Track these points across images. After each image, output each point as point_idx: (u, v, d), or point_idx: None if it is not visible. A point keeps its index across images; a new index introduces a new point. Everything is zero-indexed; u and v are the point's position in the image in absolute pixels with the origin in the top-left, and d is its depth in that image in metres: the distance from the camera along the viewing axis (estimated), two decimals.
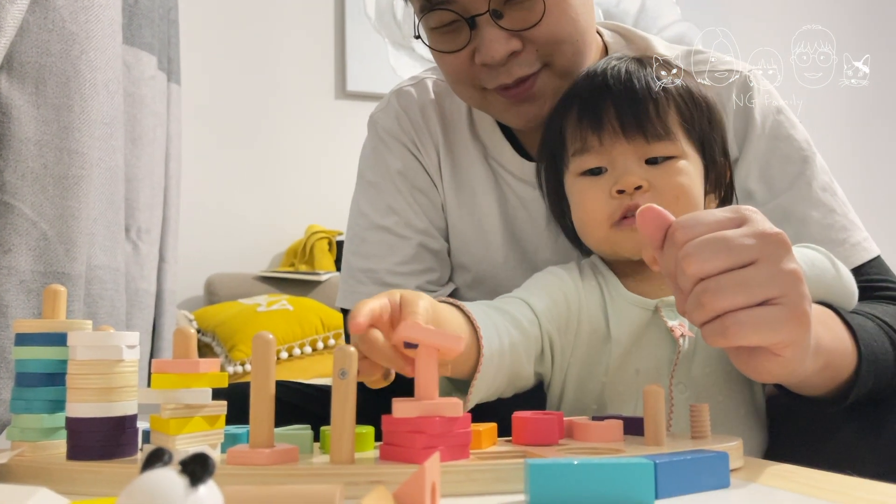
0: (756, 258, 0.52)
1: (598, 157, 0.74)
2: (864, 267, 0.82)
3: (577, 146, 0.75)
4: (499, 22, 0.80)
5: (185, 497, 0.27)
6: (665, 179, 0.72)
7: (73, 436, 0.52)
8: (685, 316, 0.55)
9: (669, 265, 0.56)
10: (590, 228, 0.76)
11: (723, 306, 0.52)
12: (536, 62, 0.82)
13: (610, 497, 0.44)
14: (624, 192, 0.72)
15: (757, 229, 0.53)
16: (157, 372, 0.50)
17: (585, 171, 0.75)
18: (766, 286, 0.52)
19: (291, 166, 2.71)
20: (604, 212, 0.73)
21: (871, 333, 0.69)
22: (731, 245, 0.52)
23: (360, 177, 1.01)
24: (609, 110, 0.73)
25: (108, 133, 1.22)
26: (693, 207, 0.73)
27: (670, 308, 0.72)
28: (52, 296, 0.59)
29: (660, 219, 0.56)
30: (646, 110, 0.73)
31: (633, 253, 0.73)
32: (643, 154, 0.73)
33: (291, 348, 2.13)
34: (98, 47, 1.15)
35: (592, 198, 0.74)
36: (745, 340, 0.52)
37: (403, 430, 0.49)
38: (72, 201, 1.10)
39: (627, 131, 0.72)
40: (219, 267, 2.53)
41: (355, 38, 2.78)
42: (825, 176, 0.87)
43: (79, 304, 1.12)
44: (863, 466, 0.56)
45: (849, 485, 0.50)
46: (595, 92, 0.75)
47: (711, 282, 0.52)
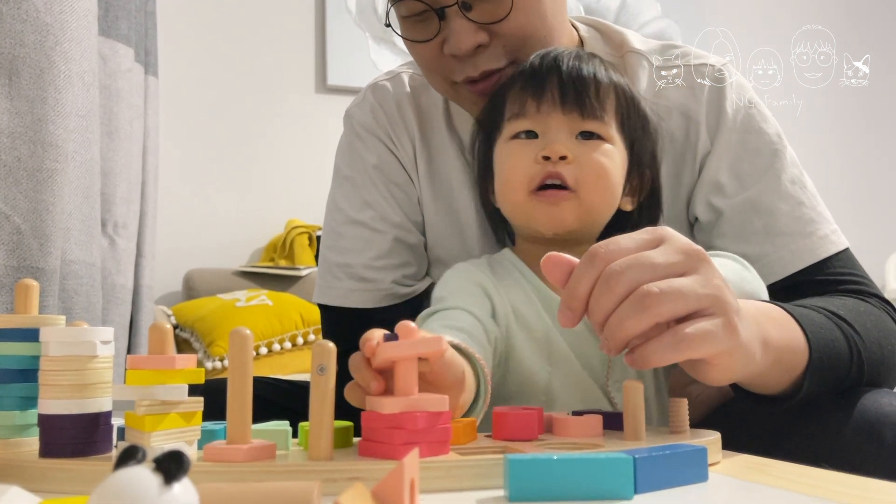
0: (683, 272, 0.54)
1: (533, 122, 0.76)
2: (832, 259, 0.83)
3: (515, 110, 0.77)
4: (467, 14, 0.81)
5: (158, 495, 0.27)
6: (590, 156, 0.74)
7: (46, 433, 0.51)
8: (609, 341, 0.54)
9: (580, 291, 0.54)
10: (509, 191, 0.77)
11: (665, 311, 0.52)
12: (503, 57, 0.83)
13: (589, 492, 0.44)
14: (549, 160, 0.73)
15: (678, 246, 0.55)
16: (132, 368, 0.49)
17: (517, 133, 0.76)
18: (700, 297, 0.53)
19: (271, 160, 2.69)
20: (526, 175, 0.74)
21: (820, 324, 0.69)
22: (655, 263, 0.53)
23: (337, 172, 1.00)
24: (552, 82, 0.75)
25: (83, 126, 1.21)
26: (611, 191, 0.76)
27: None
28: (23, 291, 0.57)
29: (563, 262, 0.56)
30: (587, 90, 0.75)
31: (546, 228, 0.75)
32: (576, 128, 0.75)
33: (271, 343, 2.12)
34: (73, 38, 1.13)
35: (518, 160, 0.75)
36: (697, 353, 0.53)
37: (383, 427, 0.49)
38: (46, 195, 1.09)
39: (566, 104, 0.74)
40: (197, 262, 2.51)
41: (336, 33, 2.76)
42: (795, 169, 0.87)
43: (53, 300, 1.11)
44: (831, 460, 0.57)
45: (824, 478, 0.51)
46: (543, 67, 0.77)
47: (651, 286, 0.52)
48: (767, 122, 0.89)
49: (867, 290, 0.81)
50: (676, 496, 0.46)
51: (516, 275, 0.77)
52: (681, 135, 0.88)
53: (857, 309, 0.75)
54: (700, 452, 0.50)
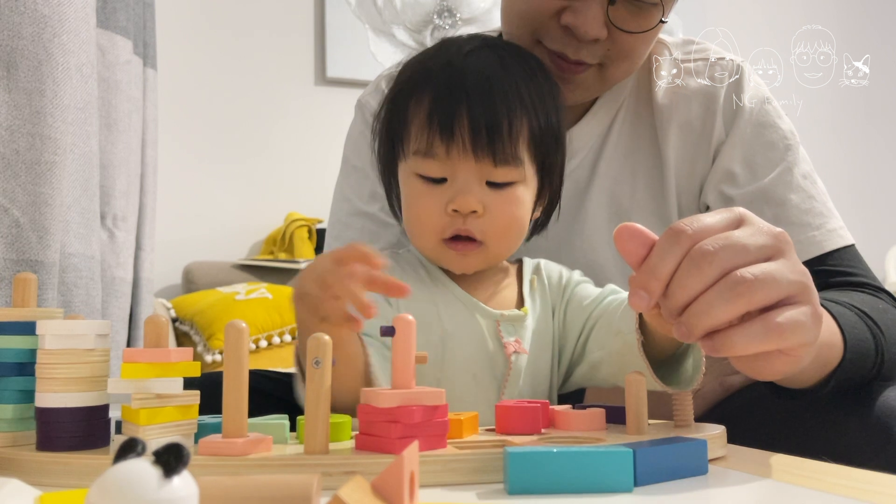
0: (771, 255, 0.50)
1: (441, 167, 0.71)
2: (838, 253, 0.84)
3: (422, 147, 0.71)
4: (610, 6, 0.79)
5: (158, 488, 0.27)
6: (501, 207, 0.71)
7: (43, 426, 0.51)
8: (692, 327, 0.49)
9: (663, 271, 0.49)
10: (419, 235, 0.74)
11: (758, 298, 0.48)
12: (598, 57, 0.83)
13: (590, 484, 0.44)
14: (458, 212, 0.70)
15: (763, 227, 0.51)
16: (128, 361, 0.49)
17: (424, 175, 0.72)
18: (791, 284, 0.49)
19: (271, 153, 2.68)
20: (436, 225, 0.71)
21: (853, 323, 0.69)
22: (746, 243, 0.49)
23: (345, 161, 1.00)
24: (463, 121, 0.69)
25: (81, 118, 1.20)
26: (519, 235, 0.74)
27: (508, 322, 0.73)
28: (21, 284, 0.57)
29: (642, 236, 0.51)
30: (500, 130, 0.70)
31: (458, 270, 0.74)
32: (487, 175, 0.70)
33: (270, 336, 2.12)
34: (71, 30, 1.12)
35: (426, 207, 0.72)
36: (784, 343, 0.49)
37: (379, 420, 0.48)
38: (45, 188, 1.08)
39: (478, 151, 0.69)
40: (197, 255, 2.51)
41: (335, 24, 2.75)
42: (806, 165, 0.88)
43: (52, 293, 1.10)
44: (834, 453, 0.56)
45: (827, 471, 0.50)
46: (452, 90, 0.71)
47: (745, 272, 0.48)
48: (782, 118, 0.90)
49: (873, 285, 0.81)
50: (676, 489, 0.46)
51: (421, 272, 0.76)
52: (698, 123, 0.90)
53: (876, 306, 0.75)
54: (700, 445, 0.50)
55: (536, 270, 0.79)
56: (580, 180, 0.92)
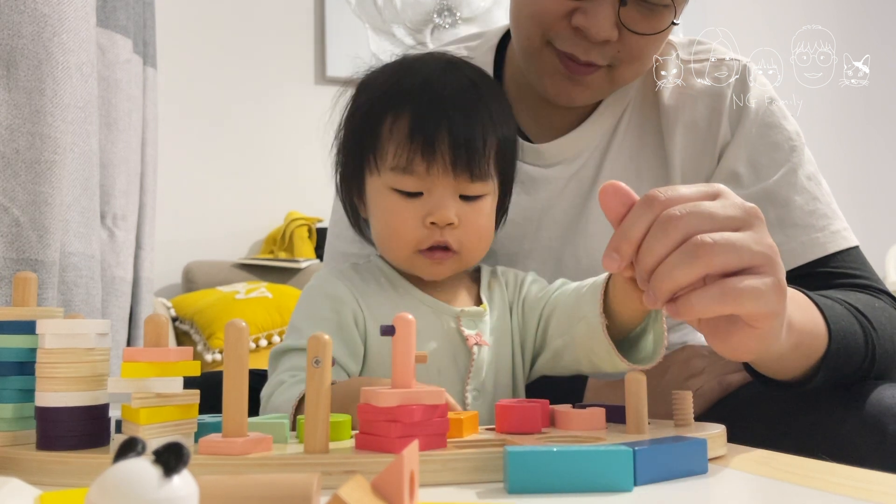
0: (739, 227, 0.52)
1: (420, 183, 0.72)
2: (842, 254, 0.84)
3: (401, 164, 0.72)
4: (621, 7, 0.79)
5: (158, 487, 0.27)
6: (473, 219, 0.74)
7: (43, 425, 0.51)
8: (655, 290, 0.52)
9: (633, 234, 0.52)
10: (395, 247, 0.75)
11: (717, 262, 0.50)
12: (608, 59, 0.83)
13: (589, 484, 0.44)
14: (435, 224, 0.72)
15: (735, 201, 0.53)
16: (128, 360, 0.49)
17: (402, 189, 0.73)
18: (754, 254, 0.51)
19: (270, 152, 2.68)
20: (413, 237, 0.73)
21: (840, 315, 0.70)
22: (714, 213, 0.51)
23: None
24: (444, 140, 0.71)
25: (81, 117, 1.20)
26: (488, 244, 0.77)
27: (469, 318, 0.75)
28: (21, 283, 0.57)
29: (624, 195, 0.54)
30: (476, 148, 0.72)
31: (430, 277, 0.76)
32: (461, 190, 0.73)
33: (271, 336, 2.12)
34: (71, 29, 1.12)
35: (403, 220, 0.73)
36: (741, 308, 0.51)
37: (379, 420, 0.48)
38: (44, 187, 1.08)
39: (457, 168, 0.71)
40: (197, 254, 2.51)
41: (335, 23, 2.75)
42: (811, 167, 0.89)
43: (52, 292, 1.10)
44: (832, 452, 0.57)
45: (825, 470, 0.50)
46: (433, 108, 0.72)
47: (706, 237, 0.50)
48: (787, 119, 0.90)
49: (876, 287, 0.81)
50: (676, 488, 0.46)
51: (382, 281, 0.77)
52: (704, 124, 0.90)
53: (871, 304, 0.76)
54: (700, 444, 0.50)
55: (493, 274, 0.82)
56: (585, 180, 0.92)
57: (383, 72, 0.80)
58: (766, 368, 0.68)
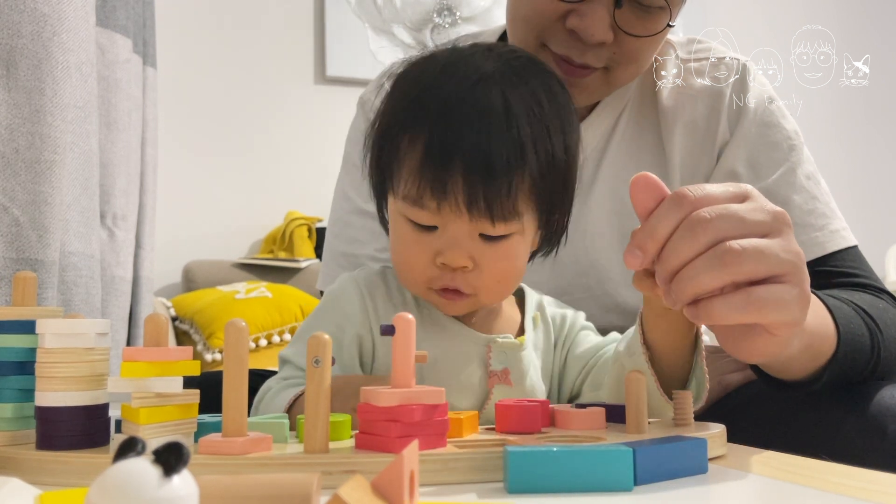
0: (767, 233, 0.51)
1: (432, 218, 0.64)
2: (841, 254, 0.84)
3: (412, 195, 0.63)
4: (616, 10, 0.78)
5: (158, 487, 0.27)
6: (492, 262, 0.65)
7: (43, 425, 0.51)
8: (677, 292, 0.50)
9: (660, 232, 0.50)
10: (405, 280, 0.69)
11: (745, 271, 0.49)
12: (604, 61, 0.82)
13: (589, 483, 0.44)
14: (446, 265, 0.64)
15: (764, 205, 0.52)
16: (128, 360, 0.49)
17: (413, 220, 0.65)
18: (781, 262, 0.50)
19: (270, 152, 2.68)
20: (424, 274, 0.66)
21: (849, 316, 0.70)
22: (744, 216, 0.50)
23: (346, 159, 0.99)
24: (457, 182, 0.61)
25: (81, 117, 1.20)
26: (514, 285, 0.69)
27: (501, 350, 0.68)
28: (21, 283, 0.57)
29: (655, 188, 0.52)
30: (498, 191, 0.61)
31: (446, 312, 0.69)
32: (481, 230, 0.63)
33: (270, 335, 2.12)
34: (70, 29, 1.12)
35: (414, 255, 0.66)
36: (763, 318, 0.50)
37: (379, 420, 0.48)
38: (44, 186, 1.08)
39: (473, 212, 0.62)
40: (197, 254, 2.51)
41: (335, 23, 2.75)
42: (810, 166, 0.89)
43: (52, 292, 1.10)
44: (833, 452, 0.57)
45: (825, 470, 0.50)
46: (446, 143, 0.62)
47: (734, 243, 0.49)
48: (786, 118, 0.90)
49: (875, 287, 0.81)
50: (676, 488, 0.46)
51: (408, 296, 0.72)
52: (703, 123, 0.90)
53: (876, 305, 0.76)
54: (700, 444, 0.50)
55: (540, 307, 0.75)
56: (583, 180, 0.91)
57: (416, 75, 0.68)
58: (773, 369, 0.67)
